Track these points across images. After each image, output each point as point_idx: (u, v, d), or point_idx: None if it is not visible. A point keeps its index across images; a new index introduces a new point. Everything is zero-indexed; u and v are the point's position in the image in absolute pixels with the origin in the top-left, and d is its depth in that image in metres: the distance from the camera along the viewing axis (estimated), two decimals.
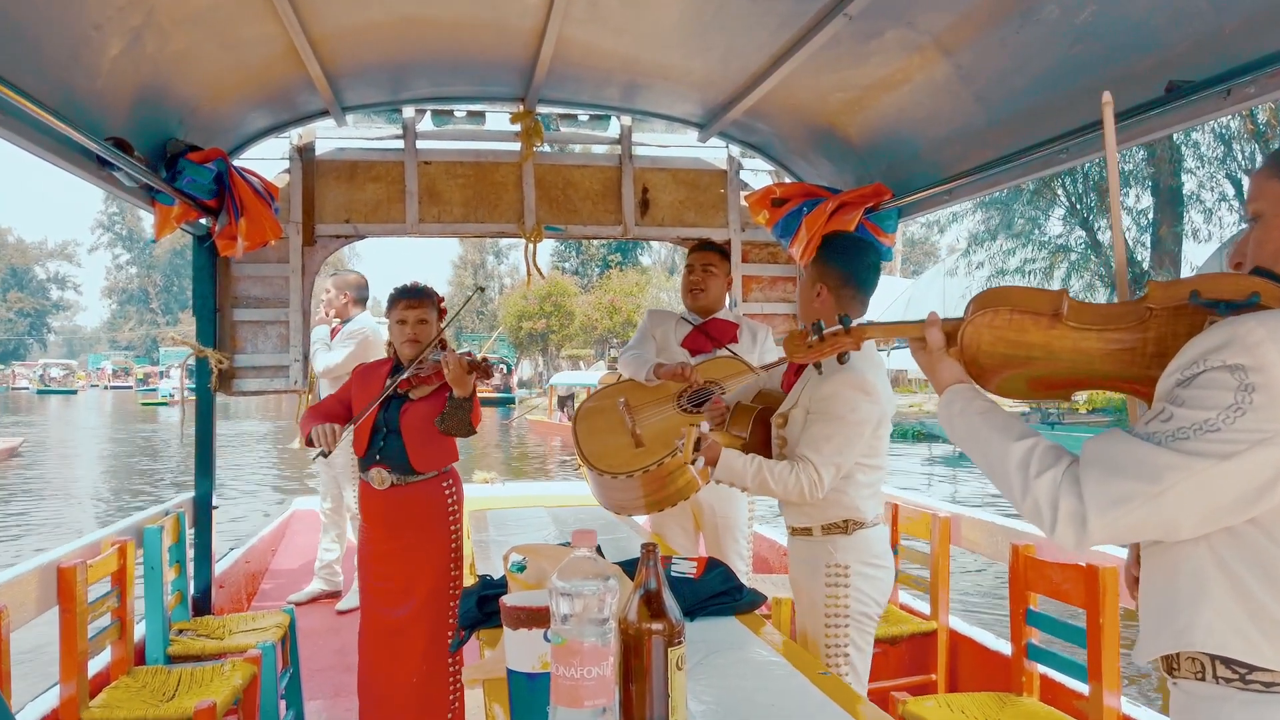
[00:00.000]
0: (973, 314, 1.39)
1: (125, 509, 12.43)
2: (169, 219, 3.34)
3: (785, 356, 1.81)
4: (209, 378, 4.01)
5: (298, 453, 19.18)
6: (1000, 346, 1.38)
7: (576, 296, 42.47)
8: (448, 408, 3.15)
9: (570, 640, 1.31)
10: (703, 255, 3.73)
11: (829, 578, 2.47)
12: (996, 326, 1.37)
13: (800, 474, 2.37)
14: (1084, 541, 1.22)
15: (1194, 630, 1.18)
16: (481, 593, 2.32)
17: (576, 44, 3.48)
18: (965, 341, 1.40)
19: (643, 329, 3.78)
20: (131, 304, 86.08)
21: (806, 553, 2.54)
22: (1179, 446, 1.13)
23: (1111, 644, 2.50)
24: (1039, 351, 1.35)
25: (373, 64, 3.72)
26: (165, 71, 3.07)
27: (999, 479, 1.35)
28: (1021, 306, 1.35)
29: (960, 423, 1.43)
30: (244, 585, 5.08)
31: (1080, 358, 1.33)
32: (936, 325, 1.51)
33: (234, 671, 3.04)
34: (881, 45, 3.06)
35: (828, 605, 2.47)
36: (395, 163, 4.26)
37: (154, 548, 3.35)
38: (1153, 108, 2.24)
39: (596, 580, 1.33)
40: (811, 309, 2.57)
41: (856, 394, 2.38)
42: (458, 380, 3.10)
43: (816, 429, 2.39)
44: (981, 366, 1.40)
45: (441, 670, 3.24)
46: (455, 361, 3.09)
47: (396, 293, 3.35)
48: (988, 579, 8.81)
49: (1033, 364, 1.36)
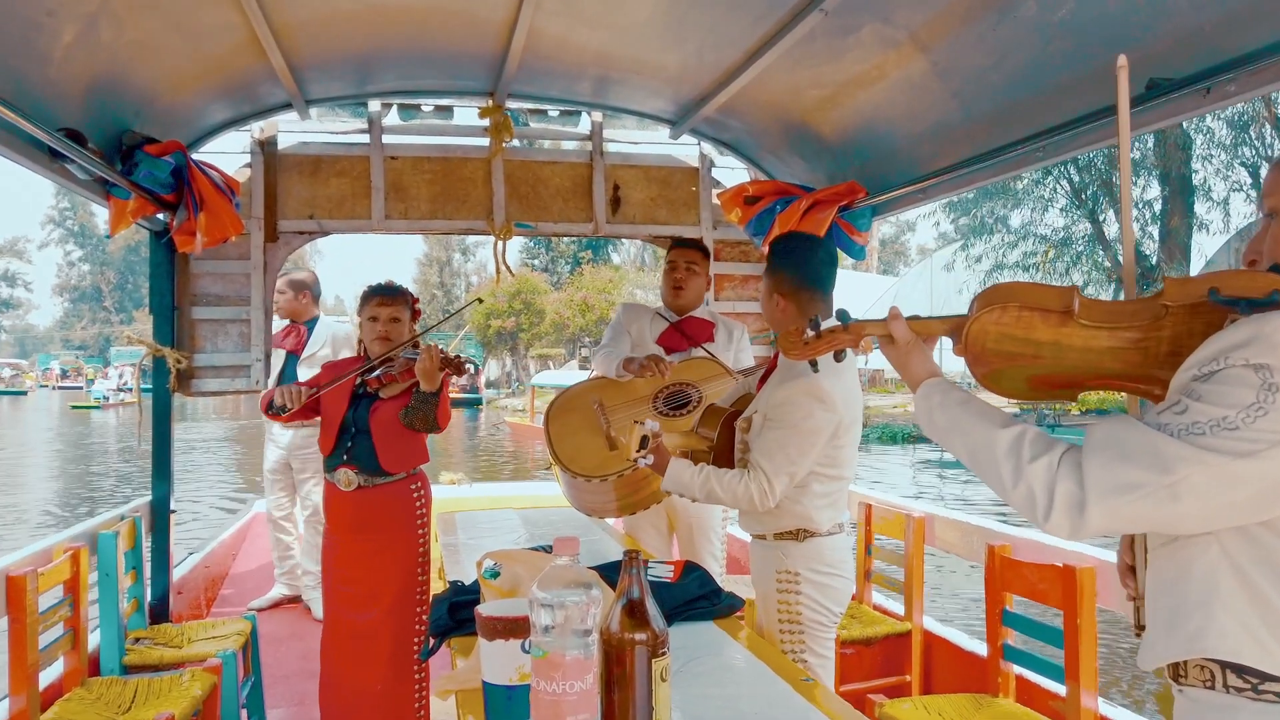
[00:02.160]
0: (978, 311, 1.34)
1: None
2: (125, 213, 3.23)
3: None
4: (167, 378, 3.88)
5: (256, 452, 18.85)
6: (1006, 344, 1.34)
7: (547, 294, 42.07)
8: (413, 401, 3.09)
9: (552, 653, 1.25)
10: (685, 252, 3.69)
11: (780, 583, 2.43)
12: (1004, 324, 1.33)
13: (750, 483, 2.33)
14: (1080, 530, 1.17)
15: (1205, 636, 1.14)
16: (453, 599, 2.26)
17: (548, 37, 3.41)
18: (970, 339, 1.35)
19: (616, 324, 3.73)
20: (84, 302, 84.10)
21: (760, 556, 2.51)
22: (1193, 440, 1.09)
23: (1089, 644, 2.49)
24: (1047, 350, 1.31)
25: (338, 55, 3.62)
26: (121, 60, 2.96)
27: (984, 469, 1.31)
28: (1031, 303, 1.31)
29: (940, 415, 1.39)
30: (203, 591, 4.95)
31: (1090, 356, 1.29)
32: (900, 319, 1.48)
33: (193, 682, 2.94)
34: (858, 41, 3.03)
35: (780, 610, 2.44)
36: (360, 157, 4.16)
37: (109, 554, 3.23)
38: (1133, 105, 2.22)
39: (579, 590, 1.27)
40: (776, 319, 2.52)
41: (810, 401, 2.32)
42: (428, 373, 3.03)
43: (770, 436, 2.35)
44: (985, 365, 1.36)
45: (407, 677, 3.16)
46: (429, 354, 3.02)
47: (370, 290, 3.28)
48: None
49: (1039, 362, 1.32)
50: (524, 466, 19.27)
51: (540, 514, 3.92)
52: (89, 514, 12.04)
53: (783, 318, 2.48)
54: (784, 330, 1.59)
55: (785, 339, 1.58)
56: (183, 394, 3.97)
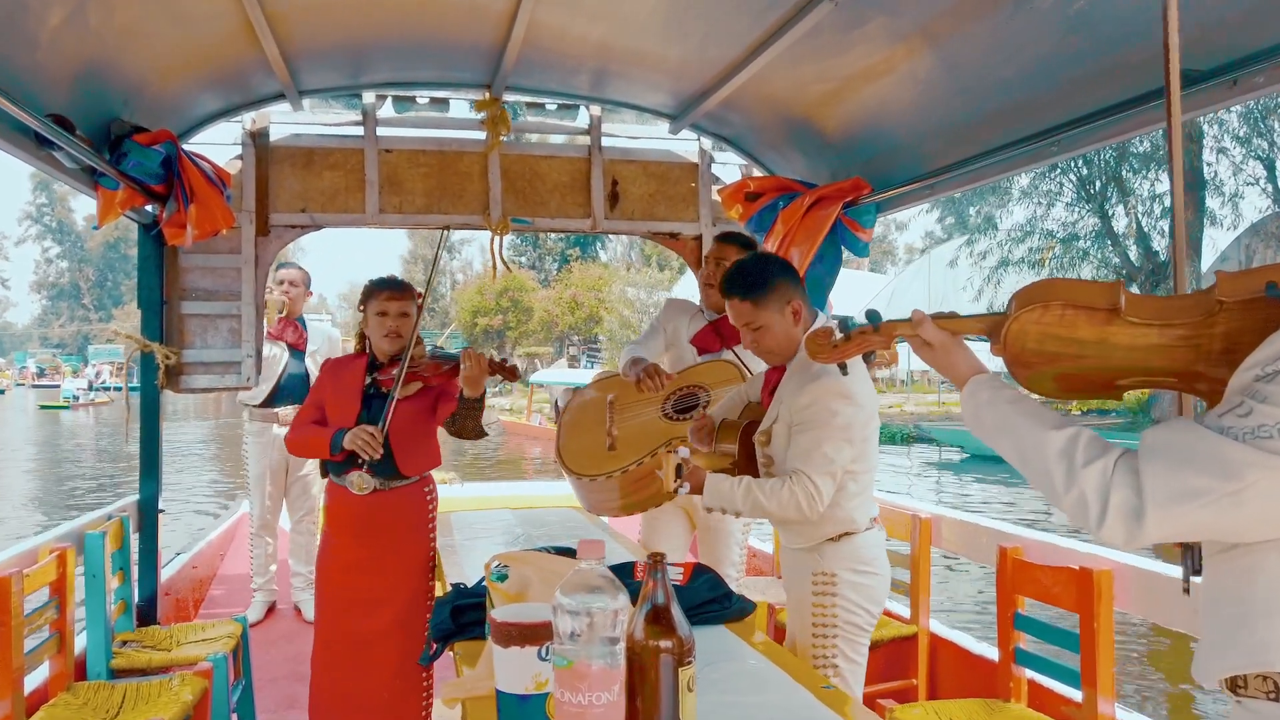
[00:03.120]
0: (1018, 310, 1.29)
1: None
2: (113, 204, 3.13)
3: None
4: (155, 374, 3.79)
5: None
6: (1048, 344, 1.29)
7: (535, 292, 41.75)
8: (460, 409, 2.98)
9: (577, 662, 1.19)
10: (724, 248, 3.57)
11: (816, 586, 2.38)
12: (1046, 323, 1.28)
13: (795, 488, 2.26)
14: (1136, 538, 1.13)
15: (1271, 648, 1.09)
16: (455, 602, 2.18)
17: (548, 28, 3.34)
18: (1009, 339, 1.30)
19: (655, 321, 3.65)
20: (62, 299, 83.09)
21: (794, 562, 2.45)
22: (1260, 444, 1.04)
23: (1106, 649, 2.45)
24: (1091, 348, 1.26)
25: (333, 45, 3.54)
26: (110, 46, 2.87)
27: (1034, 471, 1.25)
28: (1075, 301, 1.26)
29: (989, 413, 1.34)
30: (191, 593, 4.85)
31: (1137, 354, 1.24)
32: (926, 322, 1.43)
33: (183, 686, 2.86)
34: (865, 34, 2.97)
35: (815, 614, 2.38)
36: (354, 150, 4.07)
37: (96, 554, 3.14)
38: (1156, 98, 2.18)
39: (606, 595, 1.20)
40: (788, 332, 2.45)
41: (837, 399, 2.29)
42: (474, 380, 2.93)
43: (803, 440, 2.30)
44: (1024, 365, 1.31)
45: (415, 685, 3.07)
46: (476, 360, 2.92)
47: (376, 284, 3.16)
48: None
49: (1083, 361, 1.27)
50: (517, 466, 19.00)
51: (536, 514, 3.85)
52: (43, 530, 11.76)
53: (797, 323, 2.44)
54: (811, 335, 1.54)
55: (813, 343, 1.52)
56: (171, 390, 3.88)
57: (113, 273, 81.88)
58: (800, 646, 2.41)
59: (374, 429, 2.94)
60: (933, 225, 24.41)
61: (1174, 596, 2.47)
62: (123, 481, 16.32)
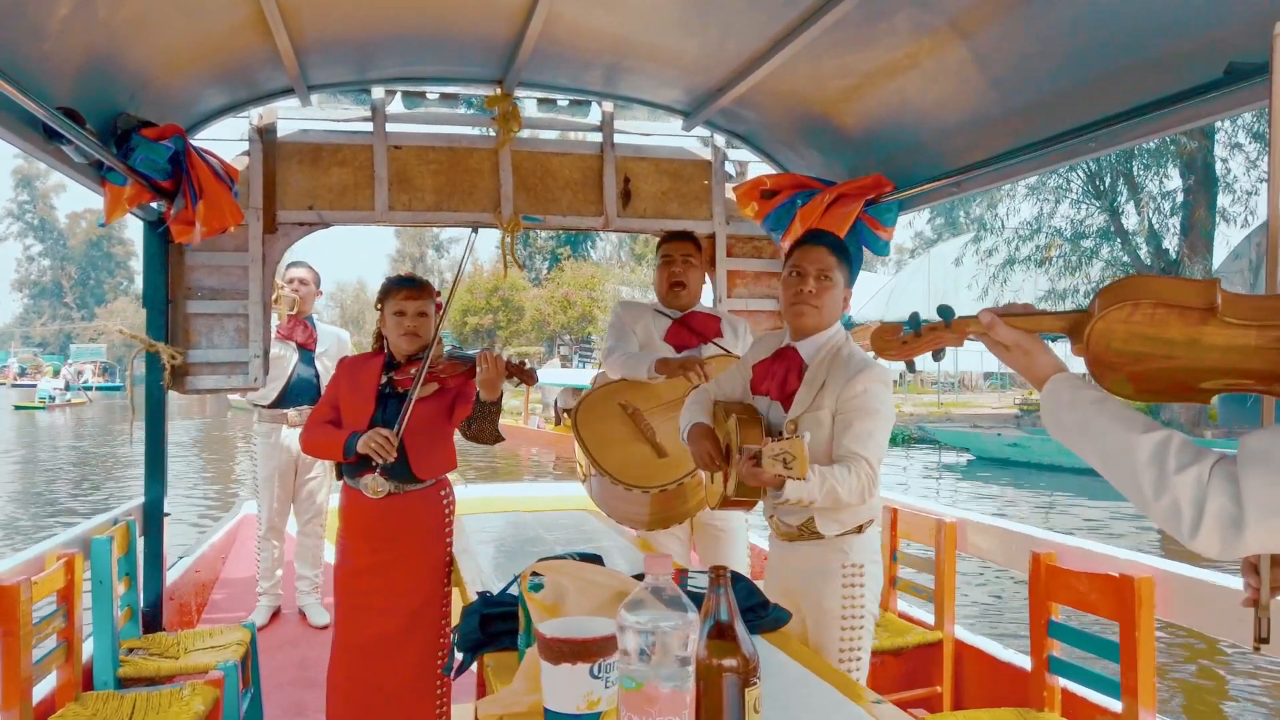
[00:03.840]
0: (1105, 307, 1.23)
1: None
2: (121, 201, 3.05)
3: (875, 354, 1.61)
4: (160, 374, 3.71)
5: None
6: (1135, 344, 1.22)
7: (526, 291, 41.46)
8: (476, 412, 2.91)
9: (646, 685, 1.12)
10: (681, 245, 3.53)
11: (847, 579, 2.37)
12: (1135, 322, 1.22)
13: (860, 474, 2.25)
14: (1233, 548, 1.07)
15: None
16: (483, 611, 2.11)
17: (566, 21, 3.27)
18: (1093, 338, 1.24)
19: (618, 324, 3.53)
20: (44, 298, 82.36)
21: (817, 557, 2.40)
22: None
23: (1147, 658, 2.38)
24: (1180, 349, 1.20)
25: (343, 38, 3.46)
26: (119, 37, 2.78)
27: (1120, 476, 1.19)
28: (1167, 300, 1.20)
29: (1069, 415, 1.27)
30: (194, 597, 4.76)
31: (1232, 356, 1.18)
32: (997, 324, 1.37)
33: (194, 696, 2.77)
34: (891, 28, 2.90)
35: (845, 608, 2.37)
36: (363, 146, 3.99)
37: (103, 560, 3.05)
38: (1208, 91, 2.12)
39: (675, 613, 1.13)
40: (835, 307, 2.48)
41: (885, 390, 2.33)
42: (491, 383, 2.86)
43: (860, 426, 2.29)
44: (1107, 365, 1.25)
45: (430, 692, 3.00)
46: (493, 362, 2.84)
47: (394, 282, 3.09)
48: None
49: (1171, 362, 1.21)
50: (515, 470, 18.70)
51: (549, 517, 3.78)
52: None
53: (841, 310, 2.49)
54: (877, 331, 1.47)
55: (881, 339, 1.46)
56: (177, 391, 3.80)
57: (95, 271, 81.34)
58: (826, 644, 2.37)
59: (389, 432, 2.86)
60: (922, 225, 24.08)
61: (1216, 603, 2.42)
62: (107, 487, 15.98)
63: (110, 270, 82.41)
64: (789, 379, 2.44)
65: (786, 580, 2.49)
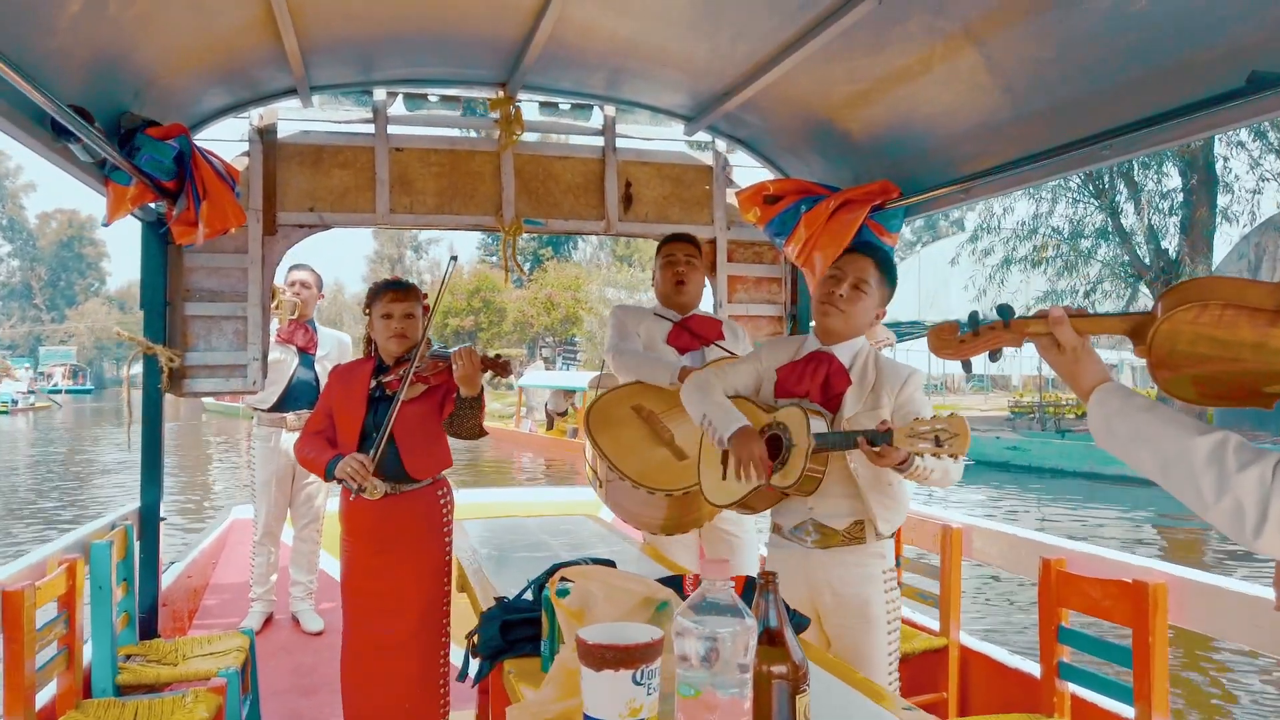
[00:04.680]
0: (1171, 309, 1.22)
1: None
2: (124, 200, 3.01)
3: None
4: (158, 377, 3.66)
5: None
6: (1202, 346, 1.21)
7: (508, 291, 41.17)
8: (457, 408, 2.91)
9: (705, 692, 1.10)
10: (683, 246, 3.53)
11: (887, 583, 2.40)
12: (1202, 323, 1.21)
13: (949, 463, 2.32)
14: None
15: None
16: (504, 617, 2.09)
17: (575, 23, 3.25)
18: (1157, 340, 1.23)
19: (620, 326, 3.50)
20: (13, 300, 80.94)
21: (858, 563, 2.39)
22: None
23: (1161, 665, 2.38)
24: (1248, 351, 1.19)
25: (350, 39, 3.43)
26: (126, 35, 2.75)
27: (1178, 481, 1.18)
28: (1236, 301, 1.19)
29: (1120, 423, 1.27)
30: (186, 603, 4.70)
31: None
32: (1065, 323, 1.36)
33: (198, 703, 2.73)
34: (904, 32, 2.90)
35: (889, 613, 2.40)
36: (364, 148, 3.96)
37: (103, 565, 3.00)
38: (1229, 100, 2.13)
39: (734, 618, 1.12)
40: (867, 324, 2.52)
41: (924, 394, 2.41)
42: (469, 379, 2.86)
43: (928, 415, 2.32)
44: (1169, 367, 1.24)
45: (434, 693, 2.99)
46: (468, 357, 2.84)
47: (381, 285, 3.13)
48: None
49: (1237, 365, 1.20)
50: (506, 476, 18.35)
51: (553, 522, 3.76)
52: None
53: (872, 324, 2.53)
54: (934, 330, 1.47)
55: (938, 338, 1.45)
56: (174, 394, 3.75)
57: (66, 272, 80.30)
58: (874, 651, 2.37)
59: (364, 457, 2.90)
60: (903, 230, 23.84)
61: (1230, 609, 2.43)
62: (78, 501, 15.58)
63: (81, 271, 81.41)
64: (832, 380, 2.43)
65: (815, 589, 2.45)
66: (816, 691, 1.77)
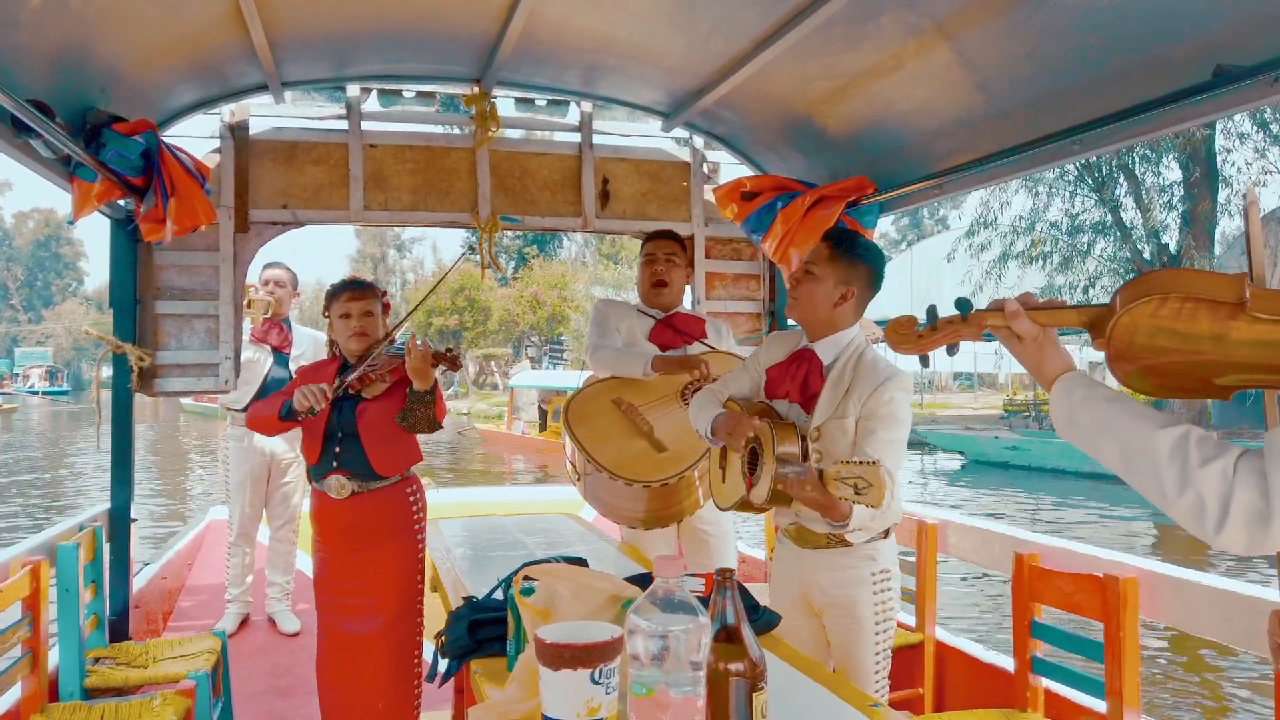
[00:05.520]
0: (1131, 302, 1.21)
1: None
2: (90, 198, 2.96)
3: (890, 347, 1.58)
4: (128, 377, 3.61)
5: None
6: (1162, 338, 1.21)
7: (493, 290, 40.93)
8: (409, 402, 2.91)
9: (657, 690, 1.09)
10: (664, 244, 3.52)
11: (876, 584, 2.37)
12: (1163, 316, 1.20)
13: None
14: (1260, 544, 1.07)
15: None
16: (472, 617, 2.07)
17: (549, 19, 3.23)
18: (1116, 333, 1.22)
19: (602, 321, 3.51)
20: None
21: (847, 565, 2.37)
22: None
23: (1132, 658, 2.39)
24: (1207, 344, 1.19)
25: (321, 34, 3.40)
26: (91, 29, 2.71)
27: (1140, 473, 1.18)
28: (1197, 293, 1.18)
29: (1084, 413, 1.26)
30: (160, 605, 4.65)
31: (1259, 351, 1.17)
32: (1021, 315, 1.35)
33: (165, 706, 2.70)
34: (877, 28, 2.90)
35: (878, 614, 2.38)
36: (338, 144, 3.93)
37: (69, 567, 2.97)
38: (1196, 94, 2.13)
39: (687, 616, 1.10)
40: (827, 310, 2.42)
41: (908, 398, 2.33)
42: (420, 372, 2.86)
43: (885, 435, 2.28)
44: (1128, 360, 1.23)
45: (407, 692, 2.98)
46: (419, 351, 2.83)
47: (338, 286, 3.12)
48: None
49: (1196, 357, 1.20)
50: (495, 480, 17.92)
51: (529, 521, 3.74)
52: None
53: (841, 311, 2.42)
54: (892, 325, 1.45)
55: (895, 333, 1.44)
56: (145, 394, 3.71)
57: (43, 272, 79.45)
58: (860, 651, 2.37)
59: (325, 385, 2.89)
60: (887, 226, 23.38)
61: (1200, 603, 2.43)
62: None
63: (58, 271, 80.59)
64: (810, 380, 2.41)
65: (807, 589, 2.45)
66: (784, 690, 1.76)
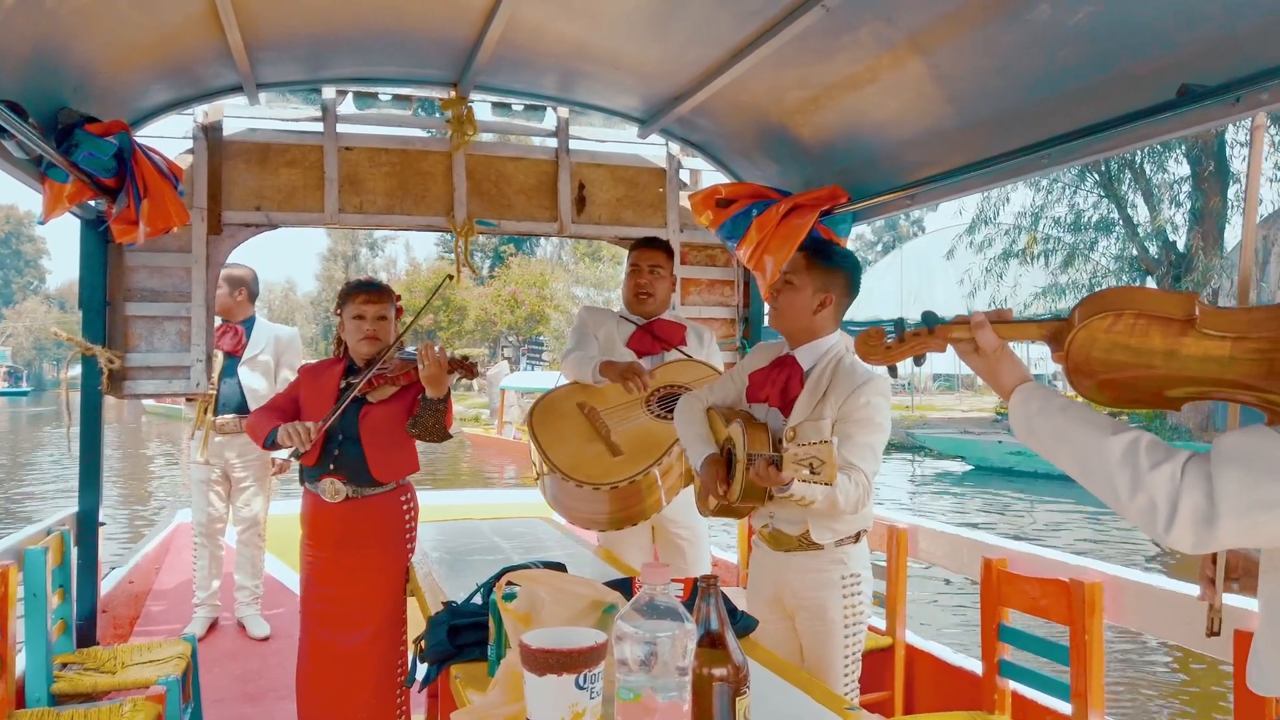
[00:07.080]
0: (1087, 318, 1.27)
1: None
2: (61, 198, 2.93)
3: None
4: (97, 379, 3.57)
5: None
6: (1116, 353, 1.27)
7: (470, 289, 40.54)
8: (421, 410, 2.88)
9: (644, 696, 1.11)
10: (649, 255, 3.54)
11: (846, 588, 2.42)
12: (1117, 331, 1.26)
13: (858, 485, 2.29)
14: (1206, 543, 1.13)
15: None
16: (451, 622, 2.07)
17: (527, 25, 3.24)
18: (1074, 347, 1.28)
19: (581, 328, 3.54)
20: None
21: (817, 568, 2.42)
22: None
23: (1097, 661, 2.45)
24: (1159, 359, 1.25)
25: (297, 35, 3.39)
26: (64, 28, 2.68)
27: (1095, 479, 1.24)
28: (1149, 311, 1.25)
29: (1041, 422, 1.32)
30: (128, 610, 4.60)
31: (1207, 365, 1.23)
32: (986, 327, 1.40)
33: (135, 712, 2.68)
34: (853, 40, 2.94)
35: (847, 617, 2.42)
36: (313, 146, 3.91)
37: (37, 571, 2.93)
38: (1161, 111, 2.19)
39: (673, 622, 1.12)
40: (807, 318, 2.47)
41: (885, 402, 2.38)
42: (435, 379, 2.83)
43: (861, 439, 2.33)
44: (1086, 373, 1.29)
45: (390, 702, 2.96)
46: (434, 358, 2.81)
47: (353, 286, 3.08)
48: None
49: (1149, 371, 1.26)
50: (485, 484, 17.49)
51: (505, 525, 3.74)
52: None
53: (820, 319, 2.48)
54: (862, 336, 1.49)
55: (865, 344, 1.48)
56: (114, 396, 3.67)
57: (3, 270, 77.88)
58: (830, 653, 2.41)
59: (310, 425, 2.86)
60: (863, 228, 23.36)
61: (1163, 607, 2.49)
62: None
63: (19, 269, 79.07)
64: (790, 385, 2.46)
65: (780, 591, 2.50)
66: (761, 693, 1.79)
